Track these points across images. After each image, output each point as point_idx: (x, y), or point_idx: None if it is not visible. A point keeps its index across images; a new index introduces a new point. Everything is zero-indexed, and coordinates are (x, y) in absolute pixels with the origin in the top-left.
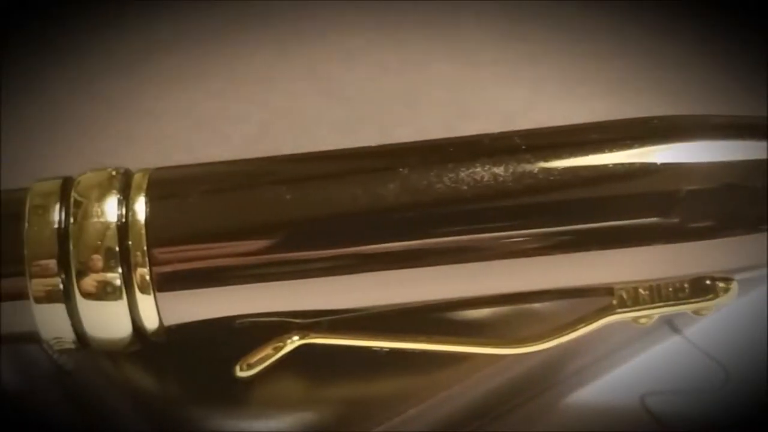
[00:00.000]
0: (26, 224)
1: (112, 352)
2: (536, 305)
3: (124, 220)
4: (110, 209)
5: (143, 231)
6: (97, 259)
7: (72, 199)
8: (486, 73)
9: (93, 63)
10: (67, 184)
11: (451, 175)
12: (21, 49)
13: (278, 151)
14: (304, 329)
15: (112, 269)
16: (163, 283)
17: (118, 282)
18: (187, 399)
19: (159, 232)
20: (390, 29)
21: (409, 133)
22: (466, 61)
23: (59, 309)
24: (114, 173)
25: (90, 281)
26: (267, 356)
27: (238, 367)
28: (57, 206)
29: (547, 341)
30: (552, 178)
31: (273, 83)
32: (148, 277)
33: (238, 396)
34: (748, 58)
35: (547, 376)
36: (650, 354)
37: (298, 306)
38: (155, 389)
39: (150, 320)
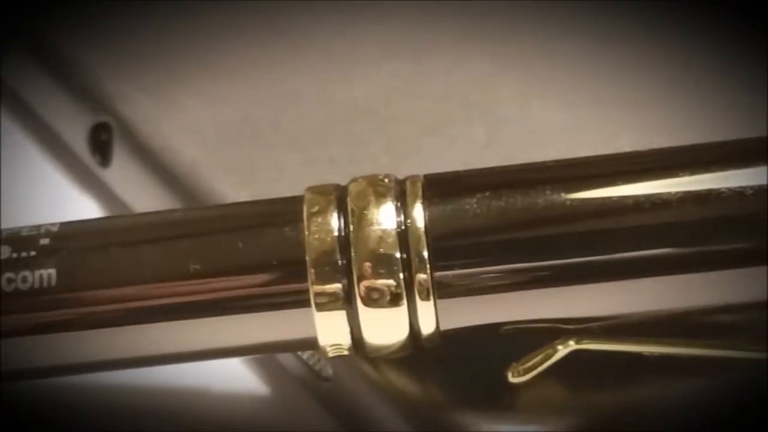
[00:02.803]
0: (306, 233)
1: (379, 358)
2: None
3: (403, 227)
4: (388, 216)
5: (423, 237)
6: (378, 267)
7: (349, 207)
8: (710, 75)
9: (321, 70)
10: (339, 192)
11: (732, 181)
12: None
13: (507, 157)
14: (576, 334)
15: (393, 276)
16: (443, 289)
17: (398, 289)
18: (451, 404)
19: (438, 238)
20: (612, 31)
21: (633, 139)
22: (687, 62)
23: (340, 316)
24: (386, 180)
25: (371, 288)
26: (540, 362)
27: (510, 373)
28: (334, 214)
29: None
30: None
31: (495, 88)
32: (429, 284)
33: (505, 401)
34: None
35: None
36: None
37: (564, 313)
38: (419, 394)
39: (427, 326)
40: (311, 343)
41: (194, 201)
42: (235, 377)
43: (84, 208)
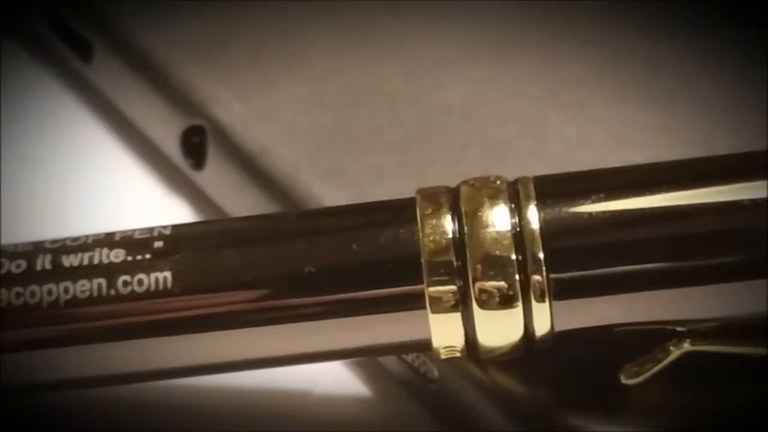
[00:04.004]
0: (420, 234)
1: (490, 359)
2: None
3: (518, 228)
4: (502, 218)
5: (538, 239)
6: (494, 268)
7: (462, 209)
8: None
9: (415, 72)
10: (451, 194)
11: None
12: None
13: (598, 158)
14: (688, 336)
15: (508, 278)
16: (559, 291)
17: (513, 290)
18: (560, 405)
19: (553, 239)
20: (708, 31)
21: (726, 142)
22: None
23: (455, 318)
24: (497, 182)
25: (486, 290)
26: (654, 363)
27: (622, 375)
28: (448, 216)
29: None
30: None
31: (587, 89)
32: (544, 285)
33: (614, 402)
34: None
35: None
36: None
37: (677, 314)
38: (526, 395)
39: (542, 328)
40: (424, 345)
41: (290, 204)
42: (337, 379)
43: (177, 210)
